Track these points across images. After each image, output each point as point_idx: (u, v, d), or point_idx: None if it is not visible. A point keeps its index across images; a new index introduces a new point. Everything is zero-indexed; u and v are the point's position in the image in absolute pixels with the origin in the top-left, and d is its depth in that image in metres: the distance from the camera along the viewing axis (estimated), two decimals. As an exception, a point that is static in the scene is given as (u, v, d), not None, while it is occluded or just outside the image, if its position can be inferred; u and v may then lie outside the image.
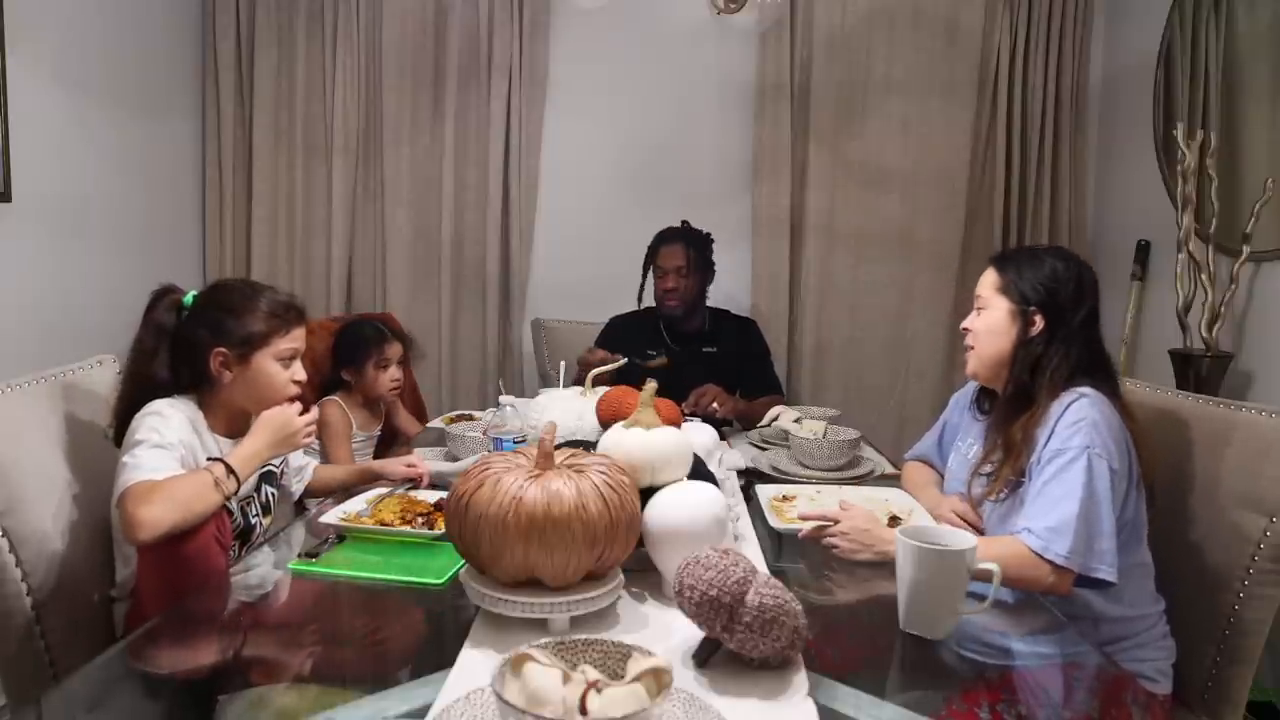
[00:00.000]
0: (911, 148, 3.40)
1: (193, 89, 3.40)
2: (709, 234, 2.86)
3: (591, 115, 3.48)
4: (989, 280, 1.64)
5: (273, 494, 1.73)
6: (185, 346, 1.59)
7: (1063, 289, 1.56)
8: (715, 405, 2.37)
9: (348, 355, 2.46)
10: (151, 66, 3.13)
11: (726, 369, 2.79)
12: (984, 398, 1.74)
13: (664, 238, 2.84)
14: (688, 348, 2.81)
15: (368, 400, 2.48)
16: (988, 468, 1.59)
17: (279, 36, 3.39)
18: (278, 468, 1.77)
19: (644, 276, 2.86)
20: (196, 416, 1.59)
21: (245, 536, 1.66)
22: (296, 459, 1.86)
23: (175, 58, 3.30)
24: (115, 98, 2.90)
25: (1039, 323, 1.55)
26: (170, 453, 1.48)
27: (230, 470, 1.49)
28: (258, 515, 1.68)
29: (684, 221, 2.89)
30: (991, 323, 1.60)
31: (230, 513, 1.54)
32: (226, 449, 1.61)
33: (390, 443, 2.53)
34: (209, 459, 1.53)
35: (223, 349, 1.58)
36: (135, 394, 1.57)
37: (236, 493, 1.51)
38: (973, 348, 1.65)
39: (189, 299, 1.63)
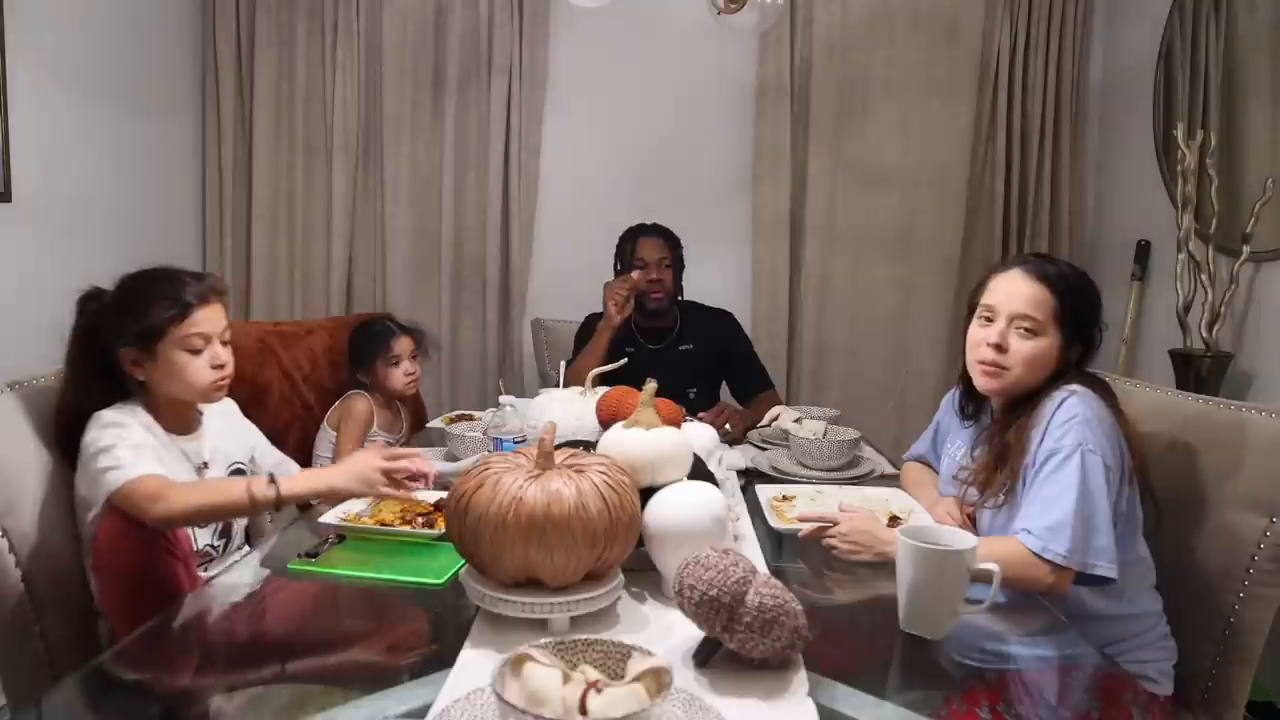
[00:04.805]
0: (911, 148, 3.40)
1: (193, 89, 3.40)
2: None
3: (591, 115, 3.48)
4: (1043, 300, 1.49)
5: None
6: (104, 355, 1.56)
7: (1100, 320, 1.54)
8: (728, 427, 2.34)
9: (357, 357, 2.46)
10: (151, 66, 3.13)
11: (707, 367, 2.77)
12: (967, 402, 1.70)
13: (642, 231, 2.79)
14: (662, 345, 2.80)
15: (388, 401, 2.48)
16: (965, 474, 1.57)
17: (279, 36, 3.39)
18: (247, 466, 1.77)
19: (618, 272, 2.79)
20: (148, 421, 1.57)
21: (227, 532, 1.67)
22: (274, 456, 1.86)
23: (175, 58, 3.30)
24: (115, 97, 2.90)
25: (1078, 353, 1.53)
26: (148, 452, 1.47)
27: (273, 480, 1.46)
28: None
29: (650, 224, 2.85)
30: (1045, 350, 1.49)
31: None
32: (184, 446, 1.61)
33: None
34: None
35: (128, 348, 1.55)
36: (77, 407, 1.54)
37: (277, 503, 1.48)
38: (1007, 369, 1.50)
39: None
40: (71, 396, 1.56)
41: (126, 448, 1.45)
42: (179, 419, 1.64)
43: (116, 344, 1.55)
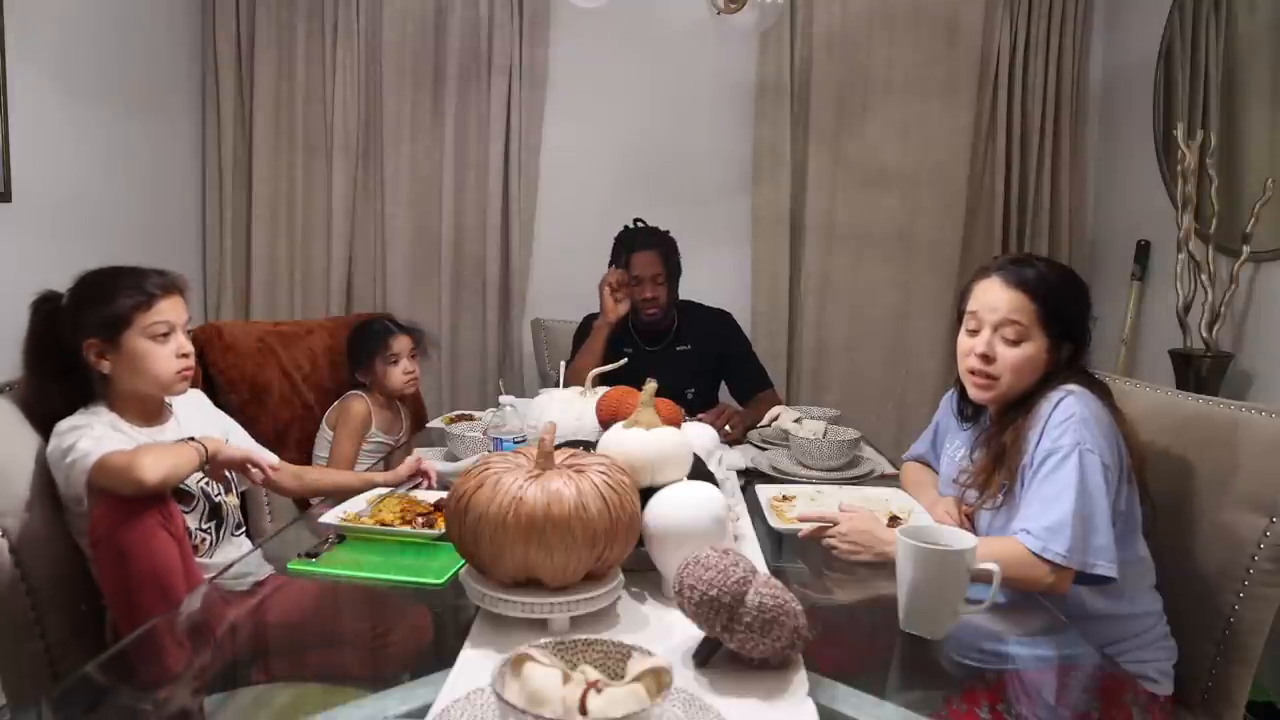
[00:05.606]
0: (911, 148, 3.40)
1: (193, 89, 3.40)
2: (669, 233, 2.81)
3: (591, 115, 3.48)
4: (1023, 306, 1.49)
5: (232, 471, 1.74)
6: (65, 351, 1.57)
7: (1089, 315, 1.54)
8: (728, 429, 2.33)
9: (355, 356, 2.47)
10: (151, 66, 3.13)
11: (705, 368, 2.77)
12: (965, 405, 1.69)
13: (635, 243, 2.75)
14: (660, 346, 2.79)
15: (388, 401, 2.49)
16: (964, 477, 1.57)
17: (279, 36, 3.39)
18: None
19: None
20: (113, 419, 1.58)
21: (216, 514, 1.68)
22: (249, 443, 1.85)
23: (175, 57, 3.30)
24: (115, 97, 2.90)
25: (1069, 352, 1.53)
26: (109, 441, 1.48)
27: (194, 439, 1.55)
28: (220, 494, 1.70)
29: (638, 220, 2.82)
30: (1032, 356, 1.50)
31: (167, 502, 1.52)
32: (156, 436, 1.62)
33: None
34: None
35: (91, 339, 1.56)
36: (42, 411, 1.56)
37: (207, 460, 1.55)
38: (997, 378, 1.51)
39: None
40: (36, 400, 1.58)
41: (87, 440, 1.47)
42: (146, 411, 1.65)
43: (79, 337, 1.56)
